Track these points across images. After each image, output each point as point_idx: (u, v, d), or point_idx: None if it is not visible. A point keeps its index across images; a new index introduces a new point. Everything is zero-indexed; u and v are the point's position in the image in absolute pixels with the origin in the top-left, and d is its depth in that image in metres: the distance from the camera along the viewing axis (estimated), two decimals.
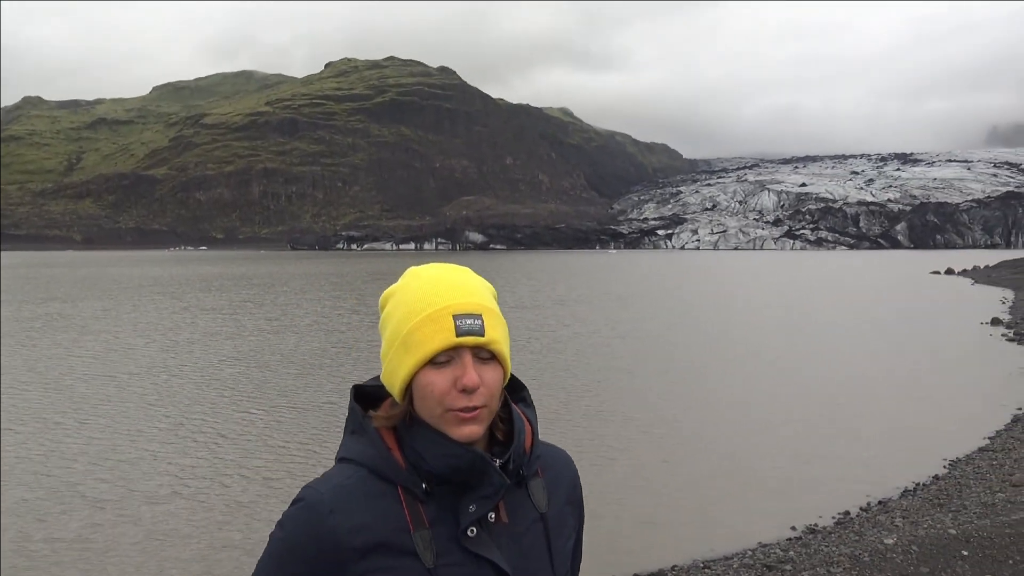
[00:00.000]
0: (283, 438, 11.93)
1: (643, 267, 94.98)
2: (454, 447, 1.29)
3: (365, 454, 1.33)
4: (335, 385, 16.21)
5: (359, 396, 1.41)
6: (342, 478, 1.32)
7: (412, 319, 1.31)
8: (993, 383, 16.06)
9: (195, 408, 14.09)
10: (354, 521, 1.27)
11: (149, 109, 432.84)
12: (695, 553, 7.62)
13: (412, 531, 1.28)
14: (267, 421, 13.07)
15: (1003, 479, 9.10)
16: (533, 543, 1.38)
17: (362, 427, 1.36)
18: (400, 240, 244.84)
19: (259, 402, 14.63)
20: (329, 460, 10.38)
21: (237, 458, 10.86)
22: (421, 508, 1.30)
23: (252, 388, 16.07)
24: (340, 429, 11.09)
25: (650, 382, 16.95)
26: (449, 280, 1.36)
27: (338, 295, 44.35)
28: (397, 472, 1.31)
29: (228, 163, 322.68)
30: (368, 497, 1.29)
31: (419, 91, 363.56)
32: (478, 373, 1.29)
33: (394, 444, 1.33)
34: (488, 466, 1.31)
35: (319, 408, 14.01)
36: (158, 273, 77.48)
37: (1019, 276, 50.41)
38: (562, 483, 1.48)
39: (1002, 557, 5.56)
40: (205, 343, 23.01)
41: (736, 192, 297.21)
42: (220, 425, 12.79)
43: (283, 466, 10.46)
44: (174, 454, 11.10)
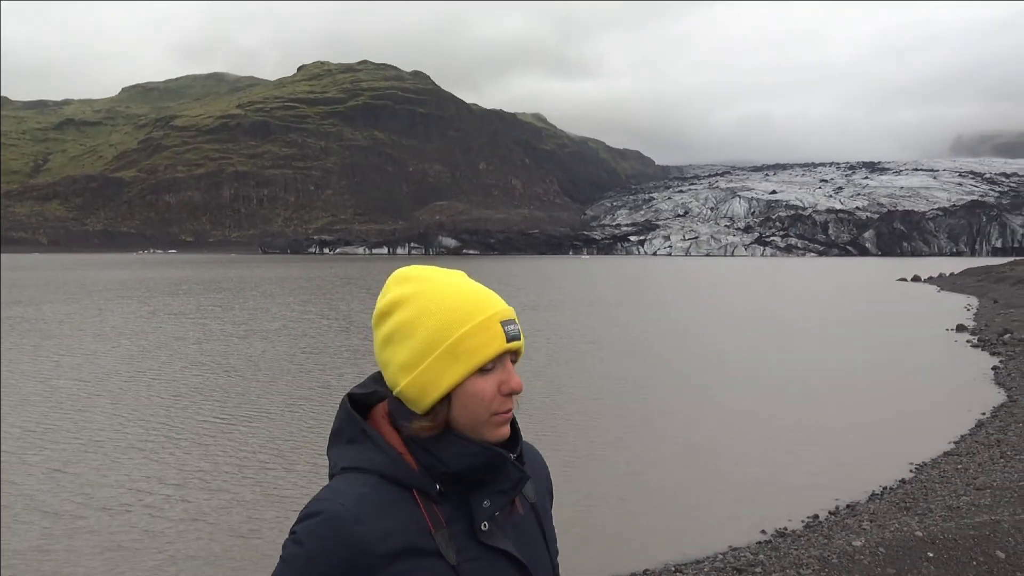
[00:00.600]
0: (247, 445, 11.72)
1: (616, 273, 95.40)
2: (472, 447, 1.33)
3: (375, 461, 1.33)
4: (302, 391, 16.00)
5: (353, 404, 1.41)
6: (358, 487, 1.32)
7: (459, 327, 1.32)
8: (958, 388, 16.31)
9: (156, 415, 13.80)
10: (380, 528, 1.29)
11: (118, 110, 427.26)
12: (666, 557, 7.65)
13: (433, 531, 1.31)
14: (231, 428, 12.85)
15: (967, 483, 9.24)
16: (531, 532, 1.45)
17: (365, 434, 1.36)
18: (373, 244, 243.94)
19: (223, 408, 14.40)
20: (295, 466, 10.18)
21: (198, 466, 10.61)
22: (437, 509, 1.33)
23: (216, 394, 15.80)
24: (307, 434, 10.90)
25: (619, 388, 17.00)
26: (476, 287, 1.39)
27: (307, 299, 43.94)
28: (411, 475, 1.32)
29: (198, 166, 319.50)
30: (387, 503, 1.31)
31: (393, 95, 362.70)
32: None
33: (403, 448, 1.35)
34: (506, 461, 1.35)
35: (284, 414, 13.80)
36: (125, 276, 76.44)
37: (983, 284, 51.31)
38: (541, 474, 1.55)
39: (966, 559, 5.65)
40: (169, 348, 22.63)
41: (708, 199, 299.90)
42: (182, 432, 12.53)
43: (246, 474, 10.27)
44: (132, 462, 10.84)
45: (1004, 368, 18.01)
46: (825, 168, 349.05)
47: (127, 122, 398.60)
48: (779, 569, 6.35)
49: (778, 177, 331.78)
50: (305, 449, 11.34)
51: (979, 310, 34.71)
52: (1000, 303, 36.01)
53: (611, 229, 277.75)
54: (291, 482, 9.88)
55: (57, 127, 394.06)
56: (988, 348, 21.74)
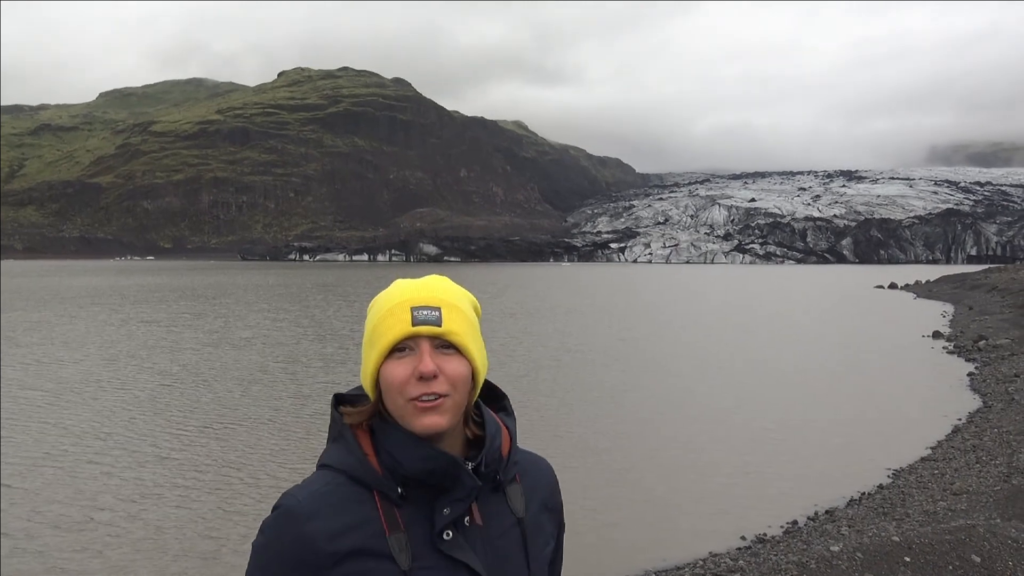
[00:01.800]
0: (209, 459, 11.41)
1: (596, 280, 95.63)
2: (425, 449, 1.32)
3: (343, 460, 1.35)
4: (270, 402, 15.73)
5: (342, 404, 1.43)
6: (320, 484, 1.34)
7: (378, 315, 1.37)
8: (934, 394, 16.49)
9: (117, 427, 13.44)
10: (331, 527, 1.29)
11: (95, 116, 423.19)
12: (647, 564, 7.67)
13: (387, 535, 1.30)
14: (193, 441, 12.58)
15: (944, 488, 9.34)
16: (510, 548, 1.40)
17: (341, 434, 1.39)
18: (353, 251, 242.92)
19: (188, 420, 14.02)
20: (259, 480, 10.06)
21: (156, 482, 10.31)
22: (396, 512, 1.32)
23: (182, 405, 15.44)
24: (272, 447, 10.83)
25: (596, 395, 17.03)
26: (420, 281, 1.41)
27: (282, 307, 43.50)
28: (373, 477, 1.33)
29: (177, 171, 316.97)
30: (345, 503, 1.31)
31: (373, 102, 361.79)
32: (437, 363, 1.32)
33: (370, 449, 1.35)
34: (460, 468, 1.33)
35: (249, 426, 13.51)
36: (100, 283, 75.53)
37: (958, 291, 51.92)
38: (540, 489, 1.51)
39: (943, 563, 5.71)
40: (138, 357, 22.21)
41: (688, 207, 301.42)
42: (142, 446, 12.18)
43: (206, 489, 9.97)
44: (88, 477, 10.48)
45: (979, 374, 18.22)
46: (803, 176, 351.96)
47: (104, 127, 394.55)
48: (759, 575, 6.38)
49: (757, 185, 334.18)
50: (269, 462, 11.09)
51: (955, 317, 35.12)
52: (975, 310, 36.45)
53: (592, 236, 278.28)
54: (253, 497, 9.60)
55: (33, 132, 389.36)
56: (964, 354, 21.99)
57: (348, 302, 46.78)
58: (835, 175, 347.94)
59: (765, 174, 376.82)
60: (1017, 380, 16.26)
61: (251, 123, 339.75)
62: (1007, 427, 12.01)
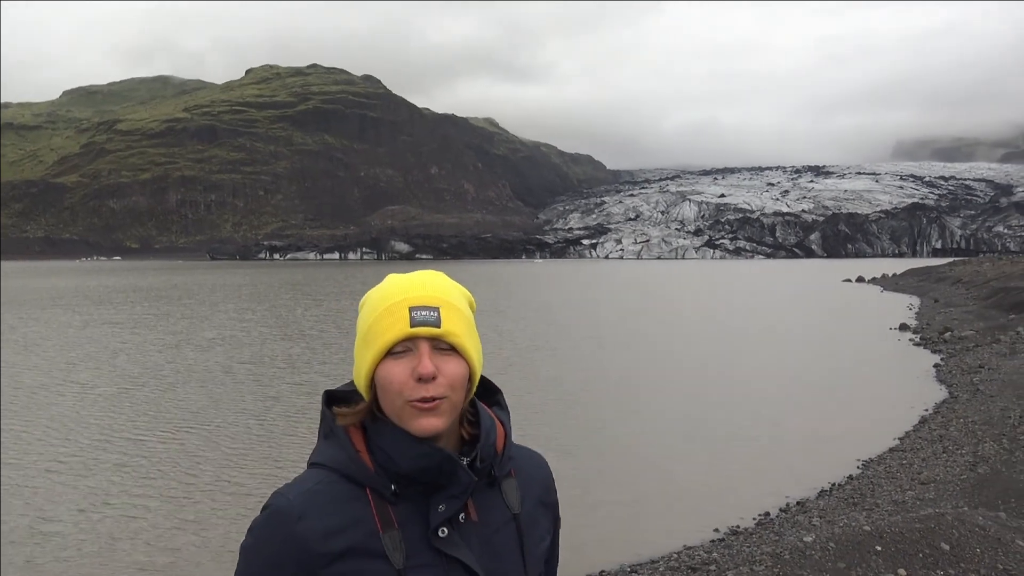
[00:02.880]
0: (162, 465, 11.12)
1: (568, 277, 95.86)
2: (422, 447, 1.30)
3: (335, 458, 1.34)
4: (232, 404, 15.40)
5: (332, 402, 1.41)
6: (311, 483, 1.32)
7: (373, 314, 1.34)
8: (902, 386, 16.73)
9: (72, 433, 13.06)
10: (323, 526, 1.28)
11: (59, 114, 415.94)
12: (622, 558, 7.69)
13: (381, 533, 1.28)
14: (149, 445, 12.31)
15: (912, 477, 9.47)
16: (505, 544, 1.39)
17: (332, 431, 1.37)
18: (324, 250, 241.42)
19: (146, 424, 13.66)
20: (226, 484, 9.75)
21: (107, 490, 9.95)
22: (390, 510, 1.30)
23: (140, 409, 15.05)
24: (237, 449, 10.53)
25: (567, 392, 17.06)
26: (416, 278, 1.38)
27: (248, 307, 42.94)
28: (366, 474, 1.31)
29: (143, 170, 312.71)
30: (337, 501, 1.30)
31: (343, 99, 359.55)
32: (436, 364, 1.30)
33: (363, 447, 1.34)
34: (456, 465, 1.32)
35: (214, 428, 13.24)
36: (64, 284, 74.27)
37: (924, 284, 52.75)
38: (535, 484, 1.49)
39: (913, 551, 5.78)
40: (99, 359, 21.76)
41: (658, 203, 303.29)
42: (95, 452, 11.85)
43: (158, 497, 9.63)
44: (44, 485, 10.11)
45: (945, 366, 18.52)
46: (772, 172, 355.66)
47: (69, 126, 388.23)
48: (733, 567, 6.43)
49: (726, 181, 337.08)
50: (229, 468, 10.82)
51: (920, 309, 35.67)
52: (940, 302, 37.06)
53: (563, 233, 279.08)
54: (210, 505, 9.32)
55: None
56: (930, 346, 22.34)
57: (317, 302, 46.39)
58: (803, 170, 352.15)
59: (734, 170, 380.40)
60: (982, 371, 16.55)
61: (219, 121, 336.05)
62: (972, 417, 12.21)
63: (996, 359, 17.86)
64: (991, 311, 29.07)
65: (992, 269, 48.61)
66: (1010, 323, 24.57)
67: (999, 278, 39.70)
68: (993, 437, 10.61)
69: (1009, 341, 20.40)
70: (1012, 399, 12.94)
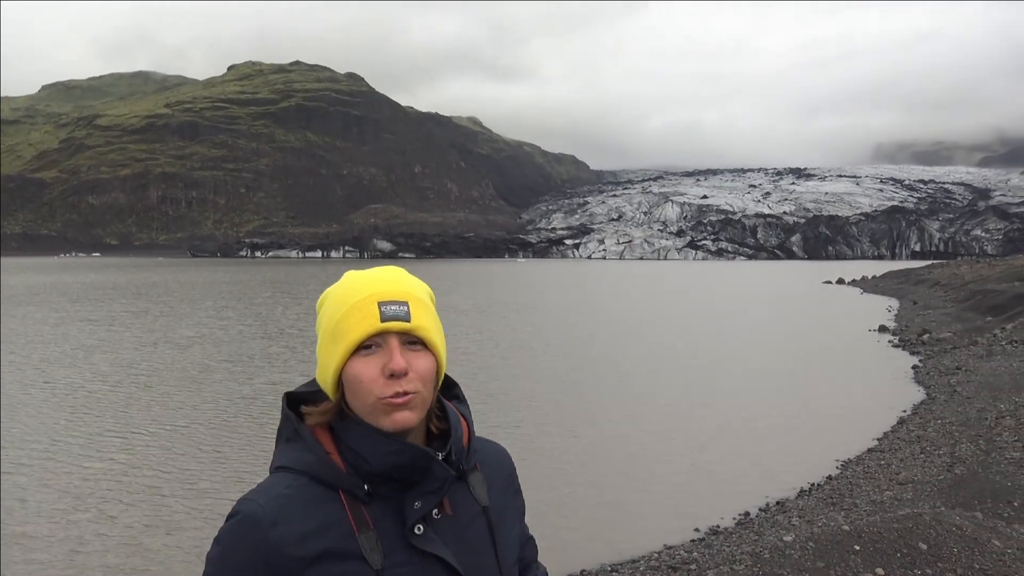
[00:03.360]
0: (135, 466, 10.94)
1: (551, 276, 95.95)
2: (394, 444, 1.28)
3: (303, 461, 1.30)
4: (206, 404, 15.26)
5: (293, 403, 1.38)
6: (281, 487, 1.29)
7: (340, 310, 1.32)
8: (880, 387, 16.87)
9: (41, 432, 12.93)
10: (298, 531, 1.25)
11: (38, 109, 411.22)
12: (602, 557, 7.70)
13: (357, 534, 1.26)
14: (128, 444, 12.22)
15: (890, 478, 9.55)
16: (477, 536, 1.38)
17: (297, 433, 1.33)
18: (306, 248, 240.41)
19: (118, 423, 13.47)
20: (202, 483, 9.56)
21: (75, 491, 9.75)
22: (364, 510, 1.28)
23: (113, 408, 14.81)
24: (221, 448, 10.34)
25: (548, 391, 17.07)
26: (378, 273, 1.36)
27: (227, 305, 42.63)
28: (337, 476, 1.28)
29: (123, 166, 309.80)
30: (310, 504, 1.27)
31: (326, 97, 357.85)
32: (406, 359, 1.29)
33: (332, 447, 1.31)
34: (431, 460, 1.31)
35: (181, 430, 13.04)
36: (40, 281, 73.37)
37: (903, 286, 53.23)
38: (500, 475, 1.50)
39: (891, 551, 5.83)
40: (74, 357, 21.42)
41: (641, 203, 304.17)
42: (65, 450, 11.67)
43: (129, 498, 9.48)
44: (8, 486, 9.87)
45: (923, 367, 18.69)
46: (754, 174, 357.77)
47: (47, 121, 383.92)
48: (713, 566, 6.45)
49: (709, 182, 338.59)
50: (202, 470, 10.67)
51: (899, 311, 35.99)
52: (919, 304, 37.42)
53: (546, 233, 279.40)
54: (182, 506, 9.18)
55: None
56: (908, 348, 22.54)
57: (296, 300, 46.11)
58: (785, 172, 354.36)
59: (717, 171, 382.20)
60: (959, 372, 16.72)
61: (200, 117, 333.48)
62: (950, 418, 12.33)
63: (973, 361, 18.06)
64: (969, 313, 29.39)
65: (970, 272, 49.13)
66: (987, 325, 24.85)
67: (976, 281, 40.14)
68: (970, 438, 10.72)
69: (986, 343, 20.62)
70: (989, 400, 13.08)
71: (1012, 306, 27.03)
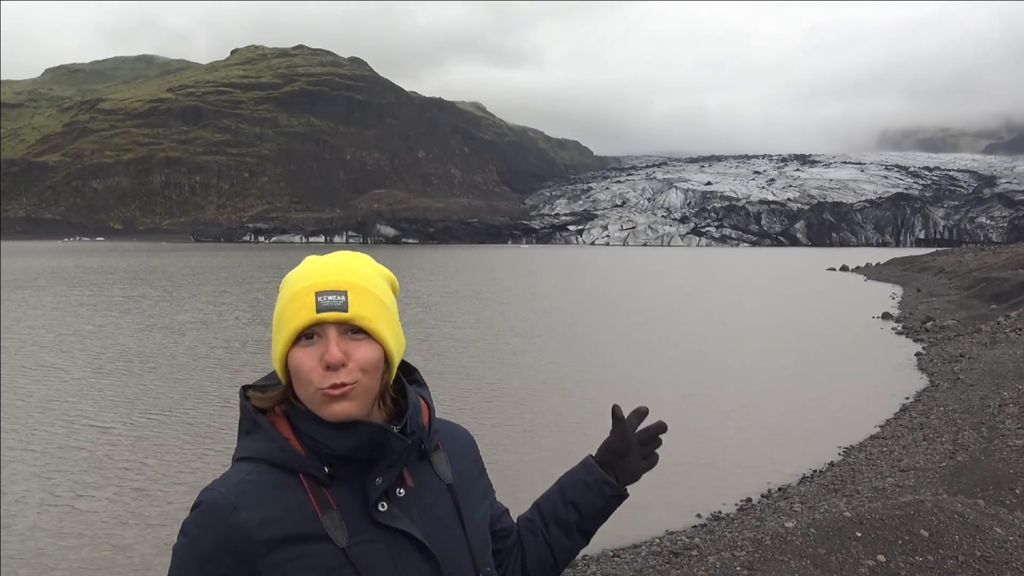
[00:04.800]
0: (117, 452, 10.88)
1: (554, 262, 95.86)
2: (346, 427, 1.29)
3: (262, 449, 1.32)
4: (194, 390, 15.12)
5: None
6: (242, 475, 1.30)
7: (283, 300, 1.33)
8: (883, 374, 16.86)
9: (17, 423, 12.79)
10: (260, 515, 1.26)
11: (41, 92, 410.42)
12: (604, 542, 7.72)
13: (320, 515, 1.27)
14: (115, 434, 12.10)
15: (892, 464, 9.55)
16: (444, 512, 1.40)
17: (256, 424, 1.35)
18: (310, 233, 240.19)
19: (105, 409, 13.35)
20: (171, 477, 9.25)
21: (58, 480, 9.66)
22: (327, 492, 1.29)
23: (102, 393, 14.71)
24: (208, 437, 10.17)
25: (550, 376, 17.09)
26: (324, 262, 1.36)
27: (225, 290, 42.51)
28: (297, 460, 1.30)
29: (127, 151, 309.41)
30: (271, 489, 1.28)
31: (330, 81, 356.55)
32: (346, 349, 1.28)
33: (291, 434, 1.32)
34: (387, 433, 1.32)
35: (166, 416, 12.93)
36: (41, 265, 73.36)
37: (907, 273, 53.11)
38: (463, 454, 1.51)
39: (892, 537, 5.83)
40: (69, 343, 21.13)
41: (645, 189, 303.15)
42: (51, 440, 11.52)
43: (111, 484, 9.41)
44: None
45: (926, 354, 18.67)
46: (758, 160, 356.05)
47: (51, 105, 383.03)
48: (715, 552, 6.46)
49: (713, 169, 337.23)
50: (186, 461, 10.53)
51: (903, 299, 35.92)
52: (923, 292, 37.34)
53: (550, 219, 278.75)
54: (164, 498, 9.06)
55: None
56: (912, 335, 22.52)
57: None
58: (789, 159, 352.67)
59: (721, 158, 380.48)
60: (962, 360, 16.69)
61: (204, 101, 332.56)
62: (953, 406, 12.32)
63: (977, 348, 18.03)
64: (972, 301, 29.32)
65: (974, 260, 48.99)
66: (991, 313, 24.78)
67: (981, 268, 40.02)
68: (972, 425, 10.71)
69: (990, 331, 20.58)
70: (991, 388, 13.07)
71: (1016, 294, 26.94)
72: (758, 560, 5.73)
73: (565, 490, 1.65)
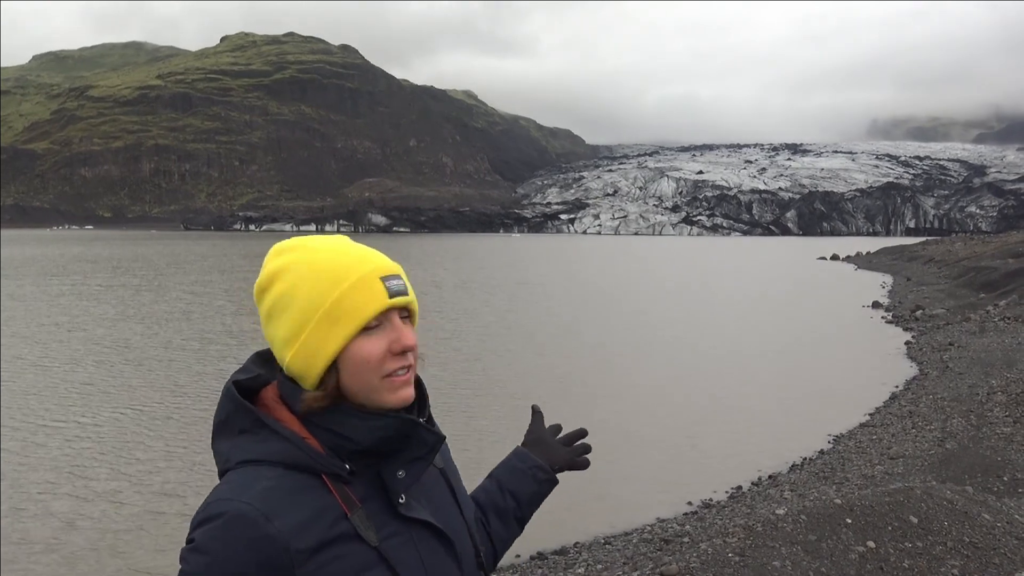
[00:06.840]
0: (98, 449, 10.68)
1: (544, 252, 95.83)
2: (378, 420, 1.25)
3: (276, 450, 1.23)
4: (167, 383, 14.73)
5: (243, 392, 1.30)
6: (262, 480, 1.21)
7: (336, 288, 1.24)
8: (873, 363, 16.95)
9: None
10: (294, 522, 1.18)
11: (28, 79, 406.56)
12: (596, 530, 7.76)
13: (349, 515, 1.23)
14: (83, 430, 11.91)
15: (882, 452, 9.62)
16: (443, 497, 1.39)
17: (260, 423, 1.26)
18: (300, 221, 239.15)
19: (75, 404, 12.99)
20: (155, 474, 8.96)
21: (26, 479, 9.43)
22: (349, 490, 1.25)
23: (71, 387, 14.35)
24: (181, 433, 10.21)
25: (541, 364, 17.11)
26: (356, 247, 1.32)
27: (209, 279, 42.19)
28: (319, 460, 1.24)
29: (116, 138, 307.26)
30: (296, 493, 1.21)
31: (320, 69, 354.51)
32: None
33: (305, 432, 1.26)
34: (417, 426, 1.29)
35: (139, 410, 12.73)
36: (24, 253, 72.72)
37: (897, 262, 53.31)
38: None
39: (882, 524, 5.88)
40: (38, 335, 20.60)
41: (636, 178, 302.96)
42: (21, 434, 11.37)
43: (83, 486, 9.09)
44: None
45: (916, 343, 18.77)
46: (749, 149, 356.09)
47: (39, 91, 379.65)
48: (706, 538, 6.50)
49: (704, 158, 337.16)
50: (158, 459, 10.22)
51: (893, 287, 36.08)
52: (913, 281, 37.50)
53: (542, 207, 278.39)
54: (138, 498, 8.75)
55: None
56: (901, 324, 22.63)
57: None
58: (780, 148, 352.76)
59: (712, 147, 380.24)
60: (952, 348, 16.79)
61: (193, 89, 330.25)
62: (942, 394, 12.40)
63: (966, 337, 18.14)
64: (962, 290, 29.47)
65: (964, 249, 49.22)
66: (980, 302, 24.93)
67: (970, 257, 40.22)
68: (961, 413, 10.79)
69: (979, 319, 20.70)
70: (980, 376, 13.15)
71: (1005, 283, 27.10)
72: (749, 546, 5.76)
73: (502, 480, 1.64)
